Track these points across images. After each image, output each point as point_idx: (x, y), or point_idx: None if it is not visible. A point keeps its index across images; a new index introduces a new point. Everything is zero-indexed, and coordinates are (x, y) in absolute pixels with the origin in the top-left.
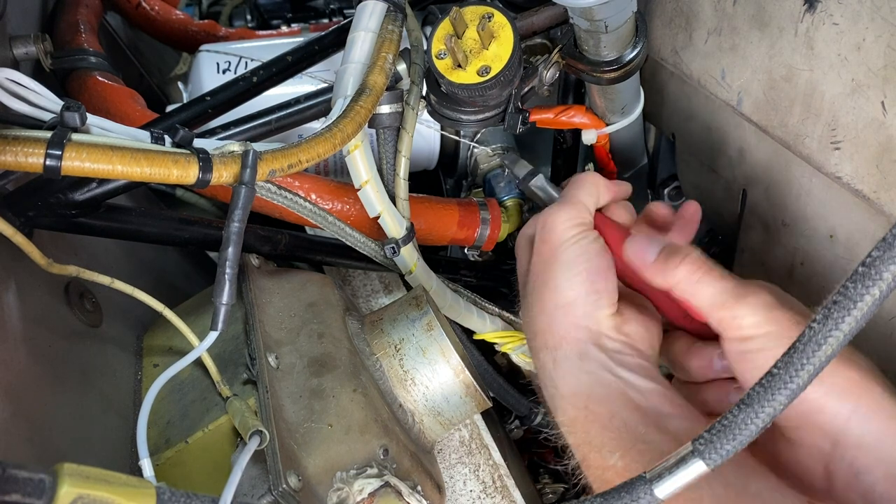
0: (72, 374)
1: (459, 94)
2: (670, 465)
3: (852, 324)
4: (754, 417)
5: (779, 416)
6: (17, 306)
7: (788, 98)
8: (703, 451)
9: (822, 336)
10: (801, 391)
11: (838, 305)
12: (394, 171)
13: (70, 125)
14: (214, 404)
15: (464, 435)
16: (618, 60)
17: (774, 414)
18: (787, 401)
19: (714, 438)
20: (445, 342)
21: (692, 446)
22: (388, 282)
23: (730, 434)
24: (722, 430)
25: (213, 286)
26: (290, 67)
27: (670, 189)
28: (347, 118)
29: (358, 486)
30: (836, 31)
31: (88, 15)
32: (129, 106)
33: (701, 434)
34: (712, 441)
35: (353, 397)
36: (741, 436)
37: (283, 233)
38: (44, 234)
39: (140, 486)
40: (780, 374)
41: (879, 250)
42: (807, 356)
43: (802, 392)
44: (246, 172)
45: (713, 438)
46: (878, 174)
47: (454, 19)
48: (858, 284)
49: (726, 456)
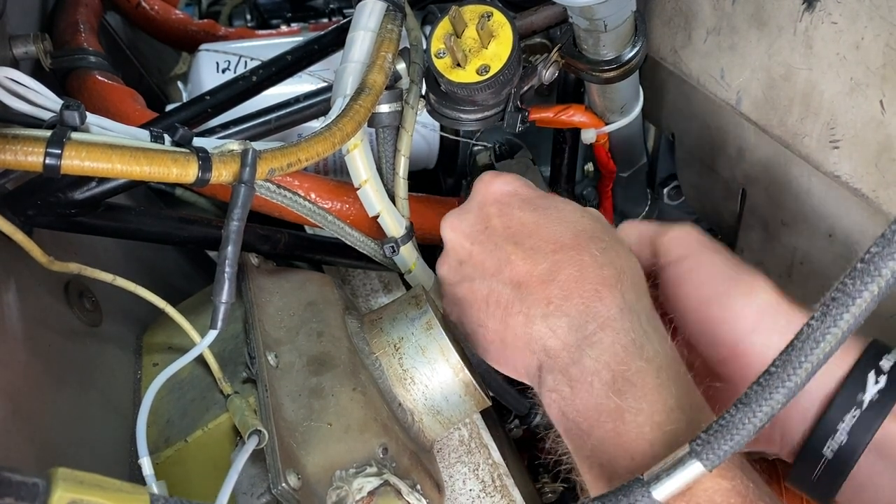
0: (71, 373)
1: (459, 93)
2: (667, 466)
3: (850, 321)
4: (752, 416)
5: (710, 350)
6: (17, 305)
7: (787, 97)
8: (700, 451)
9: (821, 333)
10: (799, 389)
11: (837, 302)
12: (393, 171)
13: (70, 124)
14: (214, 403)
15: (463, 434)
16: (617, 59)
17: (773, 413)
18: (785, 399)
19: (711, 439)
20: (445, 341)
21: (689, 447)
22: (388, 281)
23: (727, 434)
24: (719, 430)
25: (213, 285)
26: (290, 67)
27: (670, 188)
28: (347, 117)
29: (357, 485)
30: (834, 30)
31: (88, 14)
32: (128, 105)
33: (698, 435)
34: (710, 441)
35: (352, 396)
36: (738, 435)
37: (283, 232)
38: (44, 233)
39: (134, 493)
40: (777, 372)
41: (878, 246)
42: (805, 354)
43: (797, 387)
44: (245, 171)
45: (710, 439)
46: (877, 173)
47: (453, 18)
48: (857, 281)
49: (724, 456)
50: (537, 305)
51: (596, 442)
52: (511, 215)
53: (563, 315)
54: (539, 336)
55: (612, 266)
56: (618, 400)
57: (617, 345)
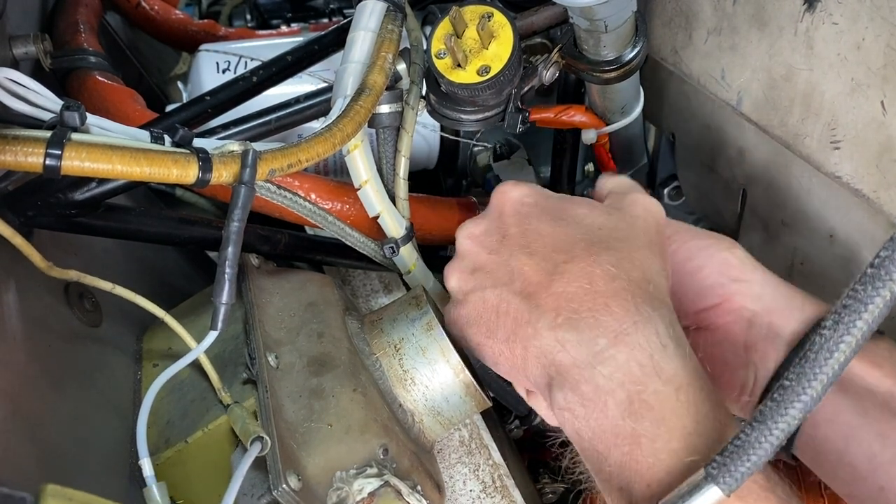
0: (71, 374)
1: (459, 94)
2: (683, 493)
3: (864, 328)
4: (768, 435)
5: (694, 301)
6: (17, 306)
7: (788, 97)
8: (716, 475)
9: (834, 343)
10: (816, 402)
11: (849, 309)
12: (393, 171)
13: (70, 125)
14: (214, 404)
15: (463, 435)
16: (617, 60)
17: (789, 430)
18: (801, 414)
19: (728, 461)
20: (445, 342)
21: (705, 472)
22: (388, 281)
23: (744, 455)
24: (735, 451)
25: (213, 286)
26: (290, 67)
27: (670, 189)
28: (347, 118)
29: (358, 486)
30: (835, 30)
31: (88, 15)
32: (128, 105)
33: (713, 458)
34: (725, 464)
35: (352, 397)
36: (755, 455)
37: (283, 232)
38: (44, 233)
39: None
40: (792, 386)
41: (888, 250)
42: (819, 365)
43: (815, 400)
44: (245, 172)
45: (726, 461)
46: (878, 173)
47: (454, 19)
48: (868, 286)
49: (742, 479)
50: (546, 317)
51: (613, 466)
52: (528, 225)
53: (571, 328)
54: (548, 349)
55: (625, 278)
56: (633, 423)
57: (632, 362)
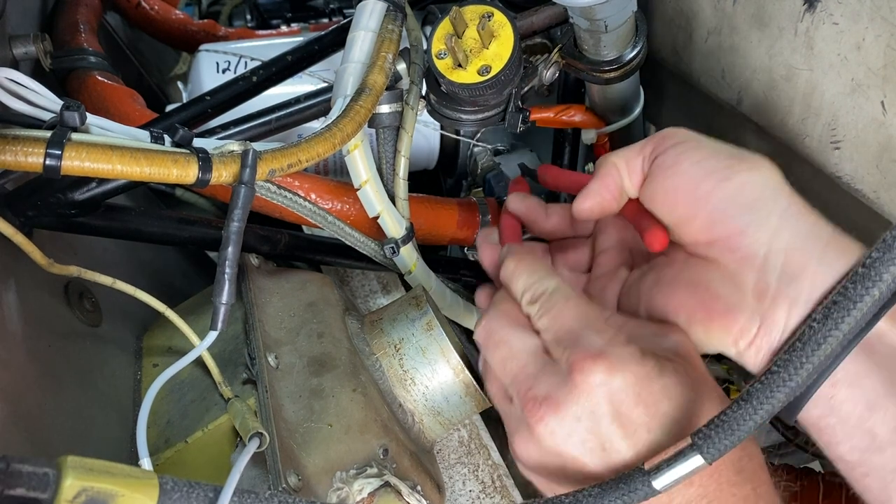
0: (71, 373)
1: (460, 94)
2: (669, 458)
3: (851, 324)
4: (752, 414)
5: (699, 233)
6: (17, 306)
7: (788, 98)
8: (701, 445)
9: (822, 336)
10: (800, 389)
11: (838, 306)
12: (393, 171)
13: (70, 125)
14: (214, 404)
15: (463, 435)
16: (618, 60)
17: (773, 411)
18: (786, 399)
19: (712, 433)
20: (445, 342)
21: (691, 440)
22: (387, 282)
23: (728, 429)
24: (720, 425)
25: (213, 286)
26: (290, 67)
27: None
28: (347, 118)
29: (358, 486)
30: (835, 30)
31: (88, 15)
32: (128, 105)
33: (699, 429)
34: (710, 436)
35: (352, 397)
36: (739, 431)
37: (283, 232)
38: (43, 233)
39: (143, 477)
40: (779, 371)
41: (879, 251)
42: (806, 355)
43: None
44: (245, 172)
45: (711, 433)
46: (878, 174)
47: (454, 19)
48: (858, 285)
49: (724, 451)
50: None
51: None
52: (625, 415)
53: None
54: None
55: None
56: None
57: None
